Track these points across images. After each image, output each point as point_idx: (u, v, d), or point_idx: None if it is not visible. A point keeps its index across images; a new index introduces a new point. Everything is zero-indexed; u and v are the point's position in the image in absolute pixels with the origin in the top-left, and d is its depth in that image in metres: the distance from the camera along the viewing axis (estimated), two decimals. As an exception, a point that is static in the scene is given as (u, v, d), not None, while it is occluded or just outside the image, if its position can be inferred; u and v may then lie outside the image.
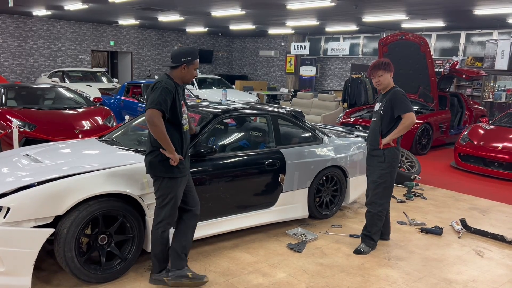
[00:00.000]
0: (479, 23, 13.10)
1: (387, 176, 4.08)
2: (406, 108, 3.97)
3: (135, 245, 3.43)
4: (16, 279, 2.95)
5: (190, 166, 3.70)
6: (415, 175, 6.47)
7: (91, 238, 3.28)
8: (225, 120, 4.86)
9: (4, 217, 2.91)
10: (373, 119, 4.24)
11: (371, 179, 4.21)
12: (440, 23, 13.28)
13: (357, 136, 5.61)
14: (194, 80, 14.44)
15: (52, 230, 3.04)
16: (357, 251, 4.14)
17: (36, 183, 3.11)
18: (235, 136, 5.04)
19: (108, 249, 3.34)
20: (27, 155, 3.88)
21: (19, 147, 5.75)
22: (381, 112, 4.08)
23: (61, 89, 8.51)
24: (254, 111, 4.80)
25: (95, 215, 3.19)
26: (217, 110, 4.30)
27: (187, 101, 3.59)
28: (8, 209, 2.93)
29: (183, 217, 3.34)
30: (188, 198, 3.34)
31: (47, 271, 3.47)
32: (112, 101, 10.73)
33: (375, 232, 4.19)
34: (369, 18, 12.83)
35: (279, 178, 4.42)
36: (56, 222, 3.09)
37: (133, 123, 4.93)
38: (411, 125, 4.01)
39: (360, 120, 9.41)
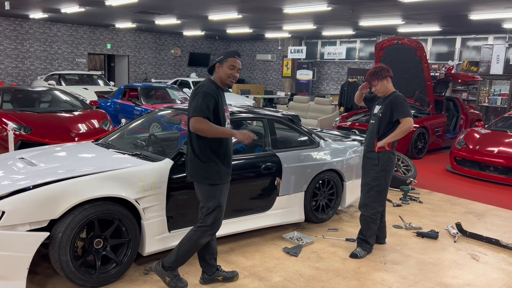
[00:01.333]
0: (474, 28, 13.19)
1: (381, 179, 4.09)
2: (405, 112, 3.99)
3: (131, 249, 3.41)
4: (10, 283, 2.93)
5: (183, 170, 3.69)
6: (411, 179, 6.49)
7: (86, 242, 3.27)
8: (221, 124, 4.86)
9: (-1, 220, 2.89)
10: (371, 121, 4.24)
11: (364, 181, 4.23)
12: (436, 28, 13.37)
13: (353, 140, 5.63)
14: (191, 83, 14.47)
15: (47, 233, 3.02)
16: (353, 255, 4.14)
17: (31, 187, 3.09)
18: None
19: (104, 253, 3.32)
20: (22, 158, 3.87)
21: (14, 150, 5.73)
22: (380, 114, 4.09)
23: (57, 92, 8.50)
24: (251, 115, 4.79)
25: (91, 218, 3.18)
26: (214, 114, 4.29)
27: (183, 105, 3.58)
28: (3, 212, 2.90)
29: None
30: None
31: (41, 275, 3.45)
32: (108, 104, 10.71)
33: (370, 235, 4.19)
34: (366, 22, 12.90)
35: (276, 181, 4.42)
36: (51, 225, 3.07)
37: (129, 127, 4.92)
38: (408, 130, 4.02)
39: (357, 124, 9.44)
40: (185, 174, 3.67)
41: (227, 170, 3.24)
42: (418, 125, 9.05)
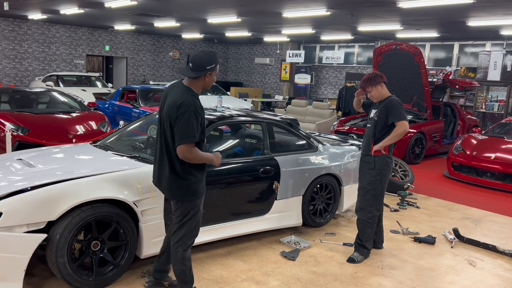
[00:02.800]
0: (472, 34, 13.26)
1: (377, 183, 4.10)
2: (400, 116, 4.01)
3: (128, 252, 3.41)
4: (6, 284, 2.92)
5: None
6: (409, 184, 6.50)
7: (83, 244, 3.26)
8: (220, 127, 4.87)
9: (-4, 222, 2.88)
10: (368, 125, 4.27)
11: (360, 185, 4.24)
12: (434, 34, 13.43)
13: (351, 144, 5.64)
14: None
15: (44, 235, 3.01)
16: (351, 260, 4.14)
17: (29, 188, 3.08)
18: (230, 143, 5.04)
19: (101, 255, 3.31)
20: (20, 159, 3.85)
21: (12, 151, 5.71)
22: (376, 118, 4.12)
23: (55, 93, 8.49)
24: (249, 118, 4.80)
25: (88, 220, 3.17)
26: (212, 117, 4.31)
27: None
28: (0, 213, 2.89)
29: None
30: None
31: (38, 276, 3.44)
32: (106, 106, 10.69)
33: (367, 239, 4.20)
34: (364, 27, 12.95)
35: (274, 185, 4.42)
36: (48, 227, 3.06)
37: (128, 129, 4.92)
38: (404, 133, 4.04)
39: (354, 128, 9.45)
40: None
41: (204, 183, 3.10)
42: (415, 131, 9.08)
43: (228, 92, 16.67)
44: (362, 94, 4.35)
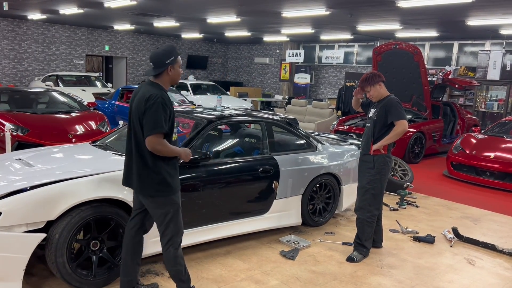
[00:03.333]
0: (471, 34, 13.26)
1: (376, 182, 4.10)
2: (399, 115, 4.01)
3: (127, 251, 3.40)
4: (6, 284, 2.92)
5: (183, 172, 3.70)
6: (408, 183, 6.51)
7: (83, 244, 3.26)
8: (219, 127, 4.87)
9: (-5, 221, 2.88)
10: (367, 124, 4.27)
11: (360, 185, 4.25)
12: (433, 33, 13.44)
13: (351, 144, 5.64)
14: (188, 86, 14.47)
15: (43, 235, 3.02)
16: (350, 259, 4.14)
17: (28, 188, 3.09)
18: (229, 142, 5.05)
19: (100, 254, 3.31)
20: (19, 159, 3.86)
21: (11, 151, 5.71)
22: (375, 117, 4.12)
23: (54, 93, 8.48)
24: (249, 118, 4.81)
25: (88, 220, 3.18)
26: (212, 117, 4.31)
27: (180, 108, 3.54)
28: (0, 213, 2.90)
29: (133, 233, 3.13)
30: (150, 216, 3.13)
31: (37, 276, 3.44)
32: (106, 106, 10.70)
33: (366, 239, 4.20)
34: (364, 27, 12.95)
35: (273, 185, 4.42)
36: (48, 227, 3.06)
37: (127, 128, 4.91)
38: (403, 132, 4.04)
39: (354, 128, 9.45)
40: (182, 176, 3.68)
41: (178, 179, 3.06)
42: (415, 130, 9.08)
43: (228, 92, 16.68)
44: (360, 93, 4.35)
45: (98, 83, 14.54)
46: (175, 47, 3.02)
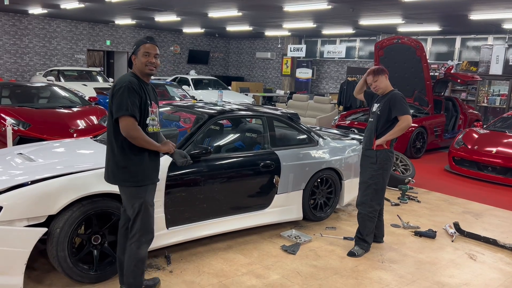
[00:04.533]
0: (474, 28, 13.19)
1: (378, 177, 4.09)
2: (403, 110, 3.99)
3: (129, 246, 3.41)
4: (7, 278, 2.93)
5: (185, 166, 3.69)
6: (410, 178, 6.50)
7: (84, 238, 3.27)
8: (220, 121, 4.86)
9: (-3, 216, 2.89)
10: (370, 119, 4.25)
11: (362, 179, 4.23)
12: (435, 28, 13.37)
13: (352, 138, 5.63)
14: (190, 80, 14.44)
15: (45, 229, 3.02)
16: (351, 254, 4.14)
17: (29, 182, 3.09)
18: (231, 137, 5.04)
19: (101, 249, 3.32)
20: (20, 153, 3.86)
21: (12, 145, 5.72)
22: (378, 112, 4.10)
23: (56, 88, 8.48)
24: (250, 113, 4.79)
25: (89, 214, 3.18)
26: (213, 111, 4.30)
27: (182, 102, 3.52)
28: (1, 208, 2.90)
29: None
30: None
31: (39, 270, 3.45)
32: (107, 100, 10.67)
33: (367, 234, 4.20)
34: (366, 21, 12.90)
35: (274, 179, 4.42)
36: (49, 221, 3.07)
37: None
38: (407, 128, 4.02)
39: (356, 123, 9.44)
40: (183, 171, 3.69)
41: (154, 167, 2.95)
42: (417, 125, 9.06)
43: (229, 87, 16.66)
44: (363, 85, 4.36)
45: (99, 78, 14.53)
46: (147, 37, 3.00)
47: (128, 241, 2.92)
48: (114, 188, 3.25)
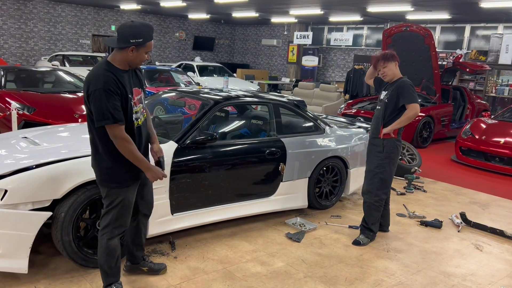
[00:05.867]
0: (484, 16, 12.97)
1: (385, 166, 4.03)
2: (411, 98, 3.91)
3: (133, 231, 3.40)
4: (13, 261, 2.93)
5: (189, 153, 3.67)
6: (416, 167, 6.44)
7: (88, 223, 3.26)
8: (226, 108, 4.82)
9: (1, 199, 2.88)
10: (377, 107, 4.18)
11: (368, 168, 4.18)
12: (445, 15, 13.15)
13: (359, 127, 5.57)
14: (195, 67, 14.35)
15: (49, 213, 3.01)
16: (356, 242, 4.12)
17: (34, 166, 3.07)
18: (236, 124, 5.00)
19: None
20: (25, 137, 3.84)
21: (17, 129, 5.70)
22: (386, 100, 4.02)
23: (61, 73, 8.44)
24: (256, 99, 4.73)
25: (93, 199, 3.16)
26: (219, 97, 4.25)
27: (187, 88, 3.44)
28: (6, 191, 2.89)
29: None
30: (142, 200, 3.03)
31: (44, 254, 3.45)
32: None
33: (373, 222, 4.16)
34: (374, 8, 12.71)
35: (280, 167, 4.38)
36: (53, 205, 3.05)
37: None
38: (414, 116, 3.95)
39: (362, 111, 9.35)
40: (188, 157, 3.66)
41: (137, 169, 2.73)
42: (424, 114, 8.97)
43: (234, 74, 16.55)
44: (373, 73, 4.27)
45: (104, 63, 14.44)
46: (152, 29, 2.64)
47: (100, 231, 2.81)
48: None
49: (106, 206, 2.78)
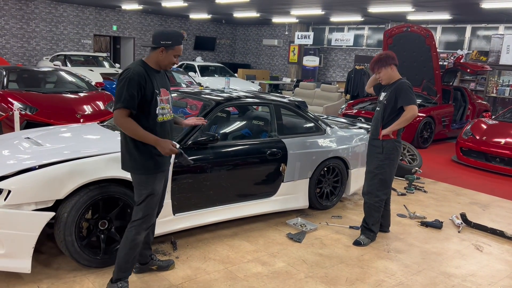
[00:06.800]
0: (485, 17, 12.98)
1: (385, 167, 4.06)
2: (409, 100, 3.93)
3: (135, 231, 3.42)
4: (16, 261, 2.95)
5: (191, 153, 3.69)
6: (416, 168, 6.46)
7: (91, 223, 3.28)
8: (227, 109, 4.84)
9: (5, 199, 2.90)
10: (377, 108, 4.20)
11: (368, 169, 4.21)
12: (446, 16, 13.16)
13: (360, 127, 5.59)
14: (196, 67, 14.38)
15: (52, 213, 3.03)
16: (357, 243, 4.14)
17: (37, 167, 3.09)
18: (237, 124, 5.02)
19: (108, 234, 3.33)
20: (28, 138, 3.86)
21: (20, 130, 5.73)
22: (385, 102, 4.04)
23: (63, 73, 8.47)
24: (257, 100, 4.75)
25: (96, 199, 3.19)
26: (220, 98, 4.27)
27: (188, 89, 3.49)
28: (9, 191, 2.91)
29: None
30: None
31: (46, 254, 3.48)
32: (114, 86, 10.67)
33: (373, 223, 4.19)
34: (375, 9, 12.72)
35: (281, 168, 4.40)
36: (56, 206, 3.08)
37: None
38: (413, 118, 3.97)
39: (363, 111, 9.37)
40: (190, 158, 3.67)
41: (157, 161, 2.89)
42: (424, 115, 8.98)
43: (236, 74, 16.57)
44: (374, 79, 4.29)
45: (106, 64, 14.50)
46: (182, 36, 2.90)
47: (129, 224, 2.93)
48: (121, 174, 3.26)
49: (137, 199, 2.90)
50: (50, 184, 3.02)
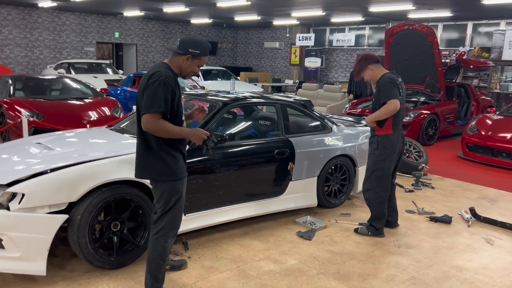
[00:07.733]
0: (486, 13, 12.98)
1: (380, 163, 4.10)
2: (388, 96, 3.96)
3: (147, 232, 3.45)
4: (31, 264, 2.99)
5: (200, 154, 3.71)
6: (423, 164, 6.46)
7: (104, 225, 3.31)
8: (233, 110, 4.87)
9: (19, 203, 2.94)
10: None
11: (367, 166, 4.29)
12: (447, 13, 13.17)
13: (365, 125, 5.59)
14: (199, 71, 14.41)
15: (66, 216, 3.07)
16: (355, 230, 4.34)
17: (49, 170, 3.13)
18: (244, 125, 5.05)
19: (121, 235, 3.36)
20: (39, 143, 3.90)
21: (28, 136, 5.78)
22: (374, 100, 4.18)
23: (68, 80, 8.54)
24: (264, 100, 4.79)
25: (108, 201, 3.22)
26: (227, 99, 4.30)
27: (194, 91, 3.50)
28: (23, 195, 2.95)
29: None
30: None
31: (60, 257, 3.51)
32: (118, 92, 10.74)
33: (373, 218, 4.27)
34: (375, 8, 12.75)
35: (288, 166, 4.42)
36: (69, 208, 3.11)
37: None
38: (394, 110, 3.96)
39: (367, 110, 9.37)
40: (198, 159, 3.71)
41: (185, 159, 2.90)
42: (429, 112, 8.99)
43: (238, 77, 16.62)
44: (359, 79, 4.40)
45: (109, 70, 14.59)
46: (210, 48, 2.88)
47: (154, 234, 2.82)
48: (132, 176, 3.27)
49: (162, 209, 2.80)
50: (63, 187, 3.05)
